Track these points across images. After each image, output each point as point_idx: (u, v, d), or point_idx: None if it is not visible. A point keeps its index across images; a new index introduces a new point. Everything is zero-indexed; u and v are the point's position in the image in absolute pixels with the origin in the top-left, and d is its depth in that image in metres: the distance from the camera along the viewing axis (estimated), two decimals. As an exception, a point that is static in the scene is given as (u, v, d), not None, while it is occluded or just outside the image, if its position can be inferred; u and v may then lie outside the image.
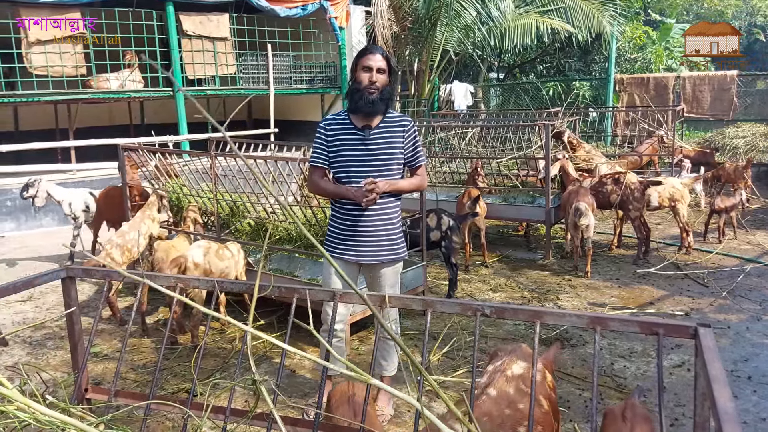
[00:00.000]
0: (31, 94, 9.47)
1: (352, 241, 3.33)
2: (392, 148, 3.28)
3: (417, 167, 3.43)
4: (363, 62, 3.20)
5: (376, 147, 3.26)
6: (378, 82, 3.17)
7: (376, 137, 3.26)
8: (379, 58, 3.20)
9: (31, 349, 4.83)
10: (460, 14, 12.91)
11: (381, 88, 3.19)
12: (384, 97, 3.20)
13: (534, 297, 5.71)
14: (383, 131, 3.28)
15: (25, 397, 1.43)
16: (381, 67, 3.19)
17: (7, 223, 8.71)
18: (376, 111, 3.20)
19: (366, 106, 3.17)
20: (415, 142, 3.37)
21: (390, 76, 3.26)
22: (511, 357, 2.27)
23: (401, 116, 3.35)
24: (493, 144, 9.05)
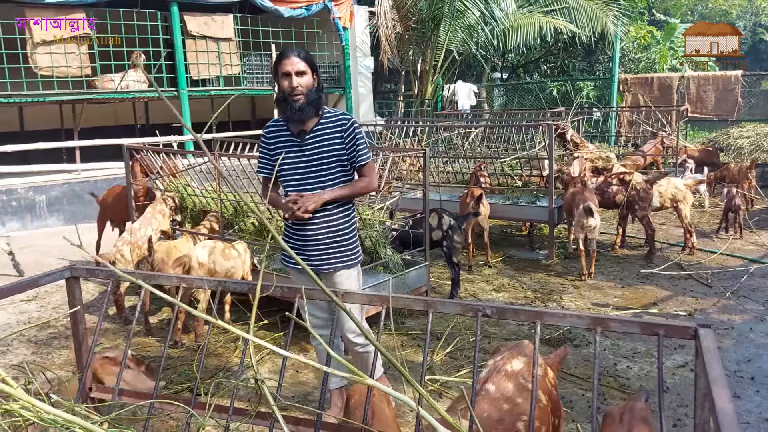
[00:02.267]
0: (36, 94, 9.51)
1: (302, 251, 3.19)
2: (330, 150, 3.11)
3: (360, 166, 3.19)
4: (280, 69, 3.03)
5: (311, 152, 3.11)
6: (300, 85, 2.99)
7: (311, 142, 3.11)
8: (296, 60, 3.01)
9: (36, 348, 4.86)
10: (463, 14, 12.91)
11: (305, 92, 3.01)
12: (311, 99, 3.02)
13: (537, 297, 5.71)
14: (319, 134, 3.12)
15: (29, 396, 1.45)
16: (299, 70, 3.00)
17: (12, 222, 8.75)
18: (305, 117, 3.05)
19: (294, 114, 3.02)
20: (357, 139, 3.14)
21: (314, 75, 3.07)
22: (512, 352, 2.28)
23: (339, 114, 3.18)
24: (497, 144, 9.05)
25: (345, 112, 3.25)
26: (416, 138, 9.54)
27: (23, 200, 8.81)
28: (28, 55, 9.26)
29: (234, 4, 11.32)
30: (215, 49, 11.10)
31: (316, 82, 3.06)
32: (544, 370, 2.28)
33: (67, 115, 11.24)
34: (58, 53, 9.40)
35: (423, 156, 5.42)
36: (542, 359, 2.36)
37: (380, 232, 5.18)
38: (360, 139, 3.15)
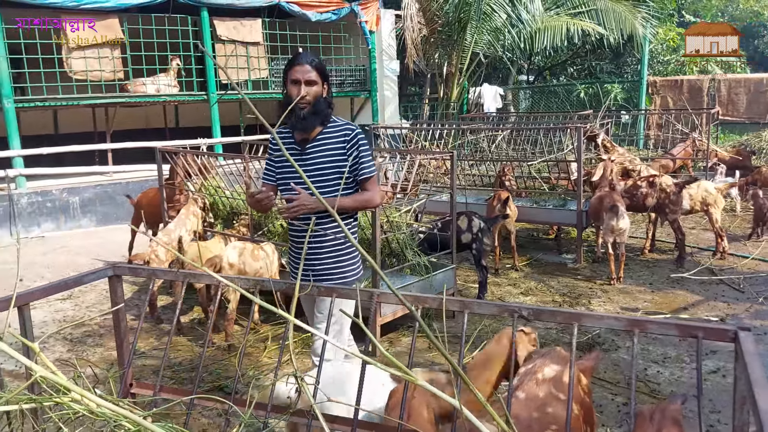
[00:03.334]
0: (71, 98, 9.73)
1: (297, 266, 2.99)
2: (331, 161, 2.96)
3: (363, 181, 3.02)
4: (290, 75, 2.91)
5: (312, 161, 2.97)
6: (309, 95, 2.87)
7: (312, 151, 2.98)
8: (308, 68, 2.88)
9: (71, 345, 4.98)
10: (490, 17, 12.90)
11: (313, 101, 2.89)
12: (317, 109, 2.90)
13: (565, 301, 5.68)
14: (321, 143, 2.99)
15: (81, 389, 1.50)
16: (310, 79, 2.88)
17: (47, 223, 8.96)
18: (308, 127, 2.93)
19: (298, 123, 2.91)
20: (361, 151, 2.99)
21: (324, 85, 2.96)
22: (544, 360, 2.27)
23: (345, 124, 3.03)
24: (524, 147, 9.02)
25: (351, 123, 3.09)
26: (442, 141, 9.55)
27: (58, 201, 9.02)
28: (64, 60, 9.48)
29: (263, 9, 11.46)
30: (244, 53, 11.25)
31: (326, 92, 2.97)
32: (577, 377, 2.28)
33: (100, 119, 11.47)
34: (92, 58, 9.62)
35: (450, 159, 5.43)
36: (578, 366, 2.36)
37: (407, 234, 5.21)
38: (364, 152, 3.01)
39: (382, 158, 7.73)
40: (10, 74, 9.02)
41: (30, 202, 8.82)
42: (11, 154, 8.98)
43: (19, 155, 9.03)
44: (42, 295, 2.04)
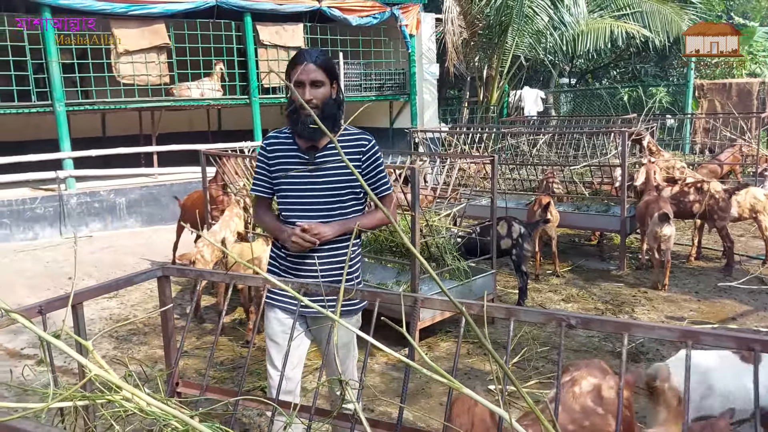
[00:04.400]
0: (118, 101, 10.02)
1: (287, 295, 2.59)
2: (345, 173, 2.63)
3: (380, 199, 2.69)
4: (293, 77, 2.57)
5: (324, 173, 2.62)
6: (315, 98, 2.54)
7: (324, 161, 2.62)
8: (312, 68, 2.54)
9: (117, 343, 5.11)
10: (531, 19, 12.78)
11: (321, 105, 2.56)
12: (327, 114, 2.57)
13: (608, 309, 5.58)
14: (333, 153, 2.64)
15: (132, 388, 1.54)
16: (316, 80, 2.55)
17: (95, 223, 9.22)
18: (318, 136, 2.60)
19: (305, 131, 2.56)
20: (377, 165, 2.68)
21: (333, 84, 2.63)
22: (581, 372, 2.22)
23: (359, 134, 2.70)
24: (566, 151, 8.90)
25: (365, 132, 2.73)
26: (482, 144, 9.49)
27: (105, 202, 9.28)
28: (112, 65, 9.76)
29: (304, 14, 11.60)
30: (286, 57, 11.39)
31: (335, 93, 2.63)
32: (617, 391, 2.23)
33: (146, 122, 11.77)
34: (140, 62, 9.88)
35: (491, 163, 5.40)
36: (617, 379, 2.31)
37: (446, 238, 5.19)
38: (381, 165, 2.70)
39: (421, 162, 7.72)
40: (62, 79, 9.33)
41: (79, 202, 9.10)
42: (62, 156, 9.28)
43: (69, 157, 9.34)
44: (95, 294, 2.11)
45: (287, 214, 2.66)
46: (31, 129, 11.47)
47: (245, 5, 10.61)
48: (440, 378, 1.43)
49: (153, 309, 5.87)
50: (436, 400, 3.97)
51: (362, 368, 1.87)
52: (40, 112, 9.48)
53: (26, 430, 1.23)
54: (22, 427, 1.24)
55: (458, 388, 1.39)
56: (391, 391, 4.10)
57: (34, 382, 4.20)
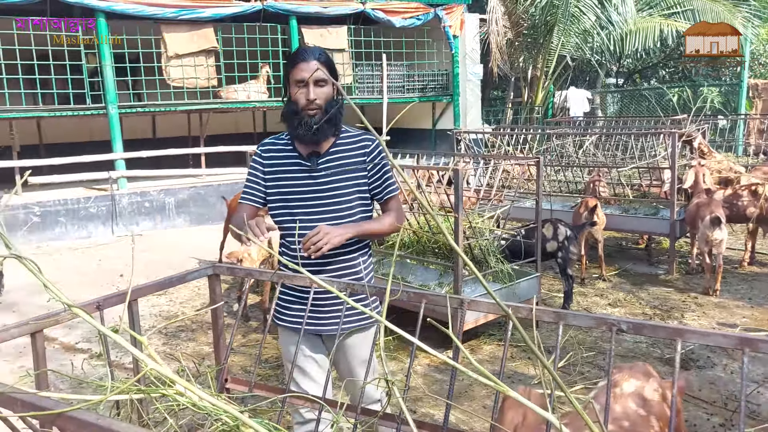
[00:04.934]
0: (168, 104, 10.30)
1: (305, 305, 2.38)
2: (350, 178, 2.46)
3: (387, 200, 2.54)
4: (294, 75, 2.38)
5: (327, 180, 2.44)
6: (318, 98, 2.37)
7: (326, 167, 2.45)
8: (315, 65, 2.35)
9: (166, 339, 5.25)
10: (578, 19, 12.58)
11: (324, 106, 2.38)
12: (330, 115, 2.39)
13: (656, 314, 5.45)
14: (337, 157, 2.47)
15: (186, 382, 1.58)
16: (320, 79, 2.36)
17: (145, 222, 9.50)
18: (321, 138, 2.42)
19: (307, 134, 2.38)
20: (384, 166, 2.51)
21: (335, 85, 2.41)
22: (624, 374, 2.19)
23: (361, 134, 2.54)
24: (613, 152, 8.73)
25: (368, 132, 2.48)
26: (526, 146, 9.39)
27: (155, 202, 9.55)
28: (163, 68, 10.04)
29: (348, 16, 11.68)
30: (330, 59, 11.50)
31: (335, 92, 2.44)
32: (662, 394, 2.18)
33: (194, 124, 12.06)
34: (189, 66, 10.12)
35: (536, 164, 5.34)
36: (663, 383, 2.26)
37: (490, 240, 5.16)
38: (387, 166, 2.53)
39: (464, 163, 7.69)
40: (115, 82, 9.63)
41: (130, 202, 9.38)
42: (114, 156, 9.59)
43: (121, 158, 9.64)
44: (150, 291, 2.18)
45: (288, 226, 2.45)
46: (86, 131, 11.88)
47: (291, 9, 10.76)
48: (486, 380, 1.43)
49: (200, 306, 6.01)
50: (479, 402, 3.95)
51: (408, 369, 1.88)
52: (94, 114, 9.81)
53: (88, 420, 1.28)
54: (84, 418, 1.29)
55: (504, 390, 1.39)
56: (434, 392, 4.10)
57: (88, 375, 4.36)
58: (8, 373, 4.48)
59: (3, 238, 1.39)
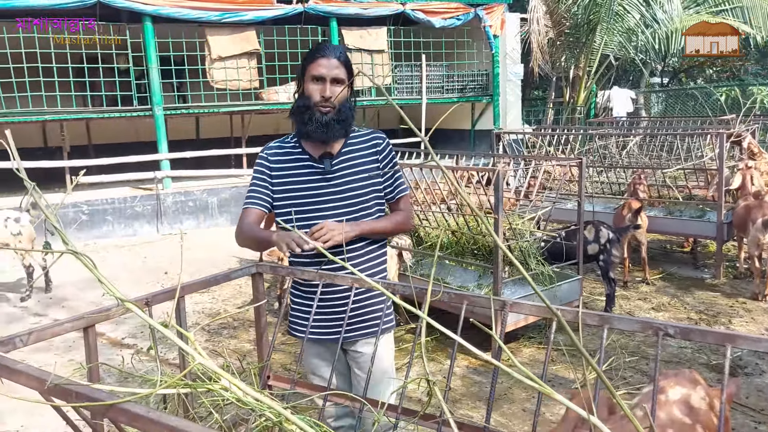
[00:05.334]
0: (212, 105, 10.51)
1: (320, 312, 2.35)
2: (365, 179, 2.38)
3: (398, 200, 2.46)
4: (312, 70, 2.31)
5: (343, 182, 2.36)
6: (334, 96, 2.29)
7: (341, 167, 2.37)
8: (335, 63, 2.29)
9: (209, 336, 5.36)
10: (622, 17, 12.35)
11: (338, 105, 2.31)
12: (343, 117, 2.32)
13: (702, 319, 5.32)
14: (349, 158, 2.39)
15: (232, 378, 1.62)
16: (338, 77, 2.30)
17: (189, 221, 9.71)
18: (329, 136, 2.33)
19: (318, 131, 2.30)
20: (394, 165, 2.45)
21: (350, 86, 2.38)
22: (670, 381, 2.14)
23: (371, 133, 2.47)
24: (658, 153, 8.54)
25: (377, 130, 2.50)
26: (568, 146, 9.26)
27: (198, 201, 9.75)
28: (207, 70, 10.24)
29: (388, 17, 11.71)
30: (369, 60, 11.56)
31: (350, 97, 2.39)
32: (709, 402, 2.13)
33: (236, 125, 12.27)
34: (232, 68, 10.31)
35: (578, 165, 5.26)
36: (710, 390, 2.21)
37: (530, 242, 5.11)
38: (397, 165, 2.48)
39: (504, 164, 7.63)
40: (161, 84, 9.88)
41: (174, 201, 9.60)
42: (160, 157, 9.83)
43: (166, 158, 9.88)
44: (197, 288, 2.24)
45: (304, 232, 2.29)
46: (132, 131, 12.20)
47: (332, 11, 10.85)
48: (530, 382, 1.42)
49: (242, 304, 6.11)
50: (518, 405, 3.92)
51: (449, 370, 1.89)
52: (141, 115, 10.07)
53: (138, 413, 1.33)
54: (135, 411, 1.33)
55: (549, 393, 1.38)
56: (472, 394, 4.09)
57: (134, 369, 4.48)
58: (59, 366, 4.64)
59: (61, 235, 1.45)
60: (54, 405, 1.57)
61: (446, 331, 1.51)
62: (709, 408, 2.08)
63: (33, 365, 1.57)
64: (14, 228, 6.04)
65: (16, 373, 1.51)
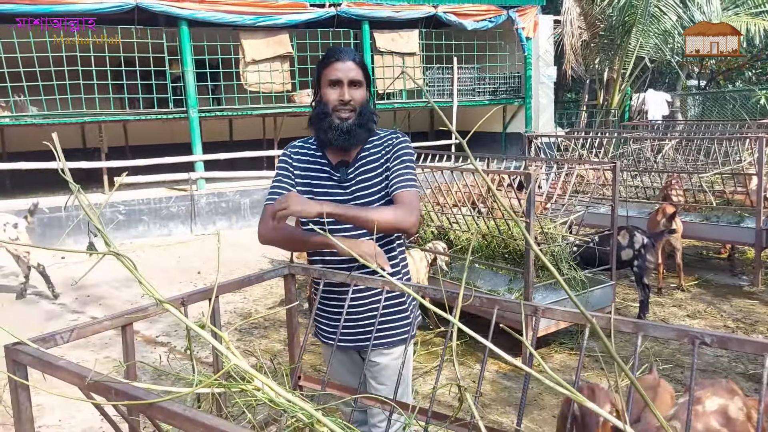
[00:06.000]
0: (245, 108, 10.65)
1: (336, 319, 2.34)
2: (377, 183, 2.28)
3: (395, 195, 2.23)
4: (329, 74, 2.22)
5: (355, 189, 2.28)
6: (353, 100, 2.22)
7: (355, 176, 2.29)
8: (351, 65, 2.22)
9: (240, 335, 5.43)
10: (658, 19, 12.15)
11: (358, 108, 2.23)
12: (364, 120, 2.24)
13: (739, 327, 5.20)
14: (364, 165, 2.30)
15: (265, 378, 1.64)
16: (355, 79, 2.22)
17: (221, 222, 9.85)
18: (352, 143, 2.25)
19: (339, 138, 2.22)
20: (402, 161, 2.27)
21: (368, 89, 2.29)
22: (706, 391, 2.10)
23: (388, 134, 2.35)
24: (695, 156, 8.37)
25: (396, 131, 2.39)
26: (601, 150, 9.13)
27: (231, 202, 9.89)
28: (240, 74, 10.39)
29: (420, 20, 11.73)
30: (400, 63, 11.58)
31: (368, 99, 2.31)
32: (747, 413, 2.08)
33: (269, 127, 12.41)
34: (265, 71, 10.43)
35: (612, 169, 5.19)
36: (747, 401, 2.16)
37: (562, 247, 5.06)
38: (405, 161, 2.28)
39: (537, 167, 7.56)
40: (196, 87, 10.05)
41: (208, 202, 9.75)
42: (194, 158, 10.00)
43: (200, 160, 10.04)
44: (232, 288, 2.28)
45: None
46: (167, 133, 12.44)
47: (364, 14, 10.90)
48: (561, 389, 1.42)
49: (273, 305, 6.18)
50: (549, 412, 3.88)
51: (480, 374, 1.89)
52: (176, 118, 10.25)
53: (176, 411, 1.36)
54: (173, 409, 1.36)
55: (581, 401, 1.37)
56: (502, 399, 4.07)
57: (169, 367, 4.56)
58: (96, 363, 4.75)
59: (104, 237, 1.49)
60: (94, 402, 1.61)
61: (477, 337, 1.51)
62: (746, 419, 2.04)
63: (72, 361, 1.62)
64: (12, 233, 6.25)
65: (57, 369, 1.56)
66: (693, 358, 1.43)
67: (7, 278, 7.34)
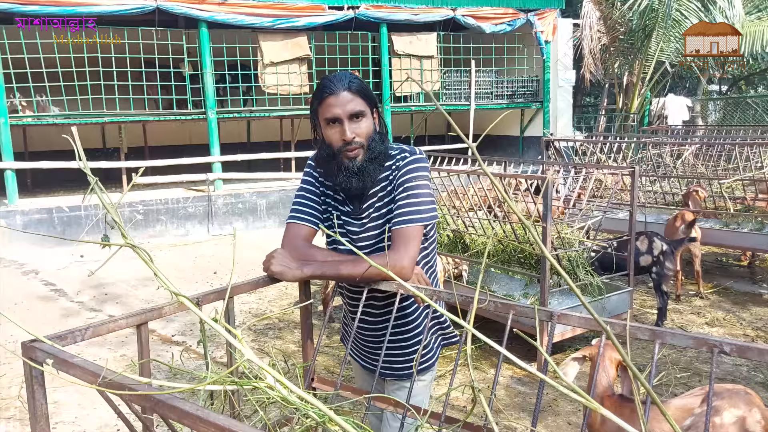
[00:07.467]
0: (263, 110, 10.72)
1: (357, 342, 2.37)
2: (386, 214, 2.12)
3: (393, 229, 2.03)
4: (324, 113, 2.00)
5: (368, 220, 2.13)
6: (358, 135, 1.99)
7: (367, 209, 2.13)
8: (347, 96, 1.97)
9: (255, 336, 5.45)
10: (679, 23, 12.02)
11: (366, 143, 2.01)
12: (375, 154, 2.03)
13: (759, 336, 5.11)
14: (375, 197, 2.11)
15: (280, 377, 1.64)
16: (354, 112, 1.99)
17: (238, 222, 9.91)
18: (369, 181, 2.04)
19: (350, 180, 2.03)
20: (405, 188, 2.05)
21: (375, 113, 2.06)
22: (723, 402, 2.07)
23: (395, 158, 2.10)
24: (715, 162, 8.26)
25: (405, 150, 2.11)
26: (620, 154, 9.05)
27: (248, 203, 9.95)
28: (259, 75, 10.45)
29: (438, 23, 11.72)
30: (418, 66, 11.58)
31: (377, 122, 2.07)
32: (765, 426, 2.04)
33: (286, 129, 12.46)
34: (283, 73, 10.48)
35: (631, 174, 5.14)
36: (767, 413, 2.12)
37: (579, 252, 5.01)
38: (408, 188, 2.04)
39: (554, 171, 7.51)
40: (215, 89, 10.13)
41: (225, 203, 9.82)
42: (212, 159, 10.07)
43: (218, 161, 10.11)
44: (248, 289, 2.27)
45: None
46: (186, 135, 12.55)
47: (382, 16, 10.92)
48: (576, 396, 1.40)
49: (287, 306, 6.19)
50: (563, 418, 3.85)
51: (494, 380, 1.87)
52: (194, 119, 10.34)
53: (188, 410, 1.36)
54: (186, 408, 1.37)
55: (596, 408, 1.35)
56: (516, 405, 4.04)
57: (183, 366, 4.59)
58: (112, 361, 4.80)
59: (121, 229, 1.51)
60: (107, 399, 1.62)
61: (492, 344, 1.50)
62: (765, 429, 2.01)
63: (88, 359, 1.63)
64: None
65: (73, 367, 1.57)
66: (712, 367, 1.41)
67: (27, 276, 7.44)
